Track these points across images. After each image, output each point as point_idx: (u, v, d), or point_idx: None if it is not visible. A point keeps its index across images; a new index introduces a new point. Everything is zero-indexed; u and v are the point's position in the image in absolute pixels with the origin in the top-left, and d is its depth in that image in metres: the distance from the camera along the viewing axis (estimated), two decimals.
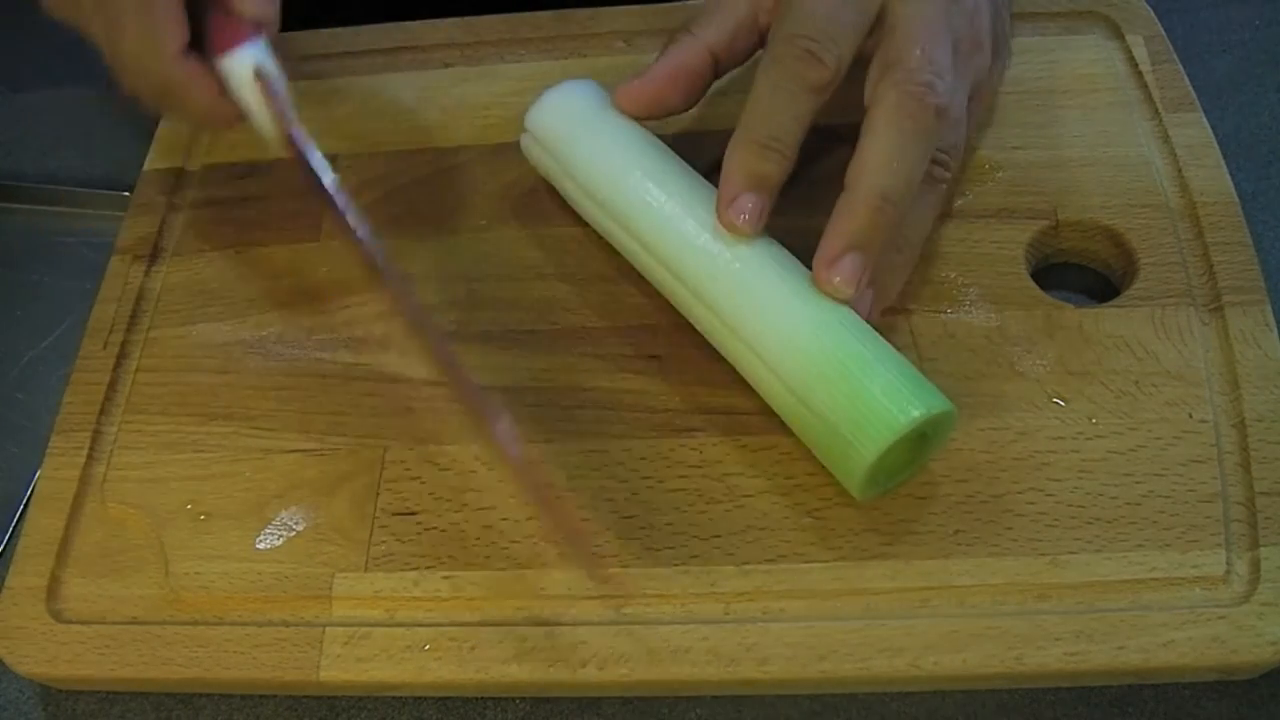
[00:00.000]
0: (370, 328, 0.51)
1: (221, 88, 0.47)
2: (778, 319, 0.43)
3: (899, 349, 0.43)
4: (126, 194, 0.58)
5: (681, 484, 0.46)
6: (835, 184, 0.43)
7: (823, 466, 0.45)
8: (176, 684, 0.45)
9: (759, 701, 0.43)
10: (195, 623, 0.45)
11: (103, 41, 0.47)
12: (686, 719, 0.43)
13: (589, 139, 0.49)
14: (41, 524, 0.48)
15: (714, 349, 0.47)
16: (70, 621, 0.46)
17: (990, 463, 0.45)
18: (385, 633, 0.44)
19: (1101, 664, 0.40)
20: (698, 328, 0.47)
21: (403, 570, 0.45)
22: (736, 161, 0.44)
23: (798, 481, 0.45)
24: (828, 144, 0.47)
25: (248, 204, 0.57)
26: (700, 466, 0.46)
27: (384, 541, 0.46)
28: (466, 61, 0.60)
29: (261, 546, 0.46)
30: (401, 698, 0.45)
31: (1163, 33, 0.56)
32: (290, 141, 0.46)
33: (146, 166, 0.59)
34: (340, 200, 0.45)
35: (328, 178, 0.45)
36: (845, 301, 0.43)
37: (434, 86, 0.59)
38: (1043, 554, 0.42)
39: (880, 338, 0.43)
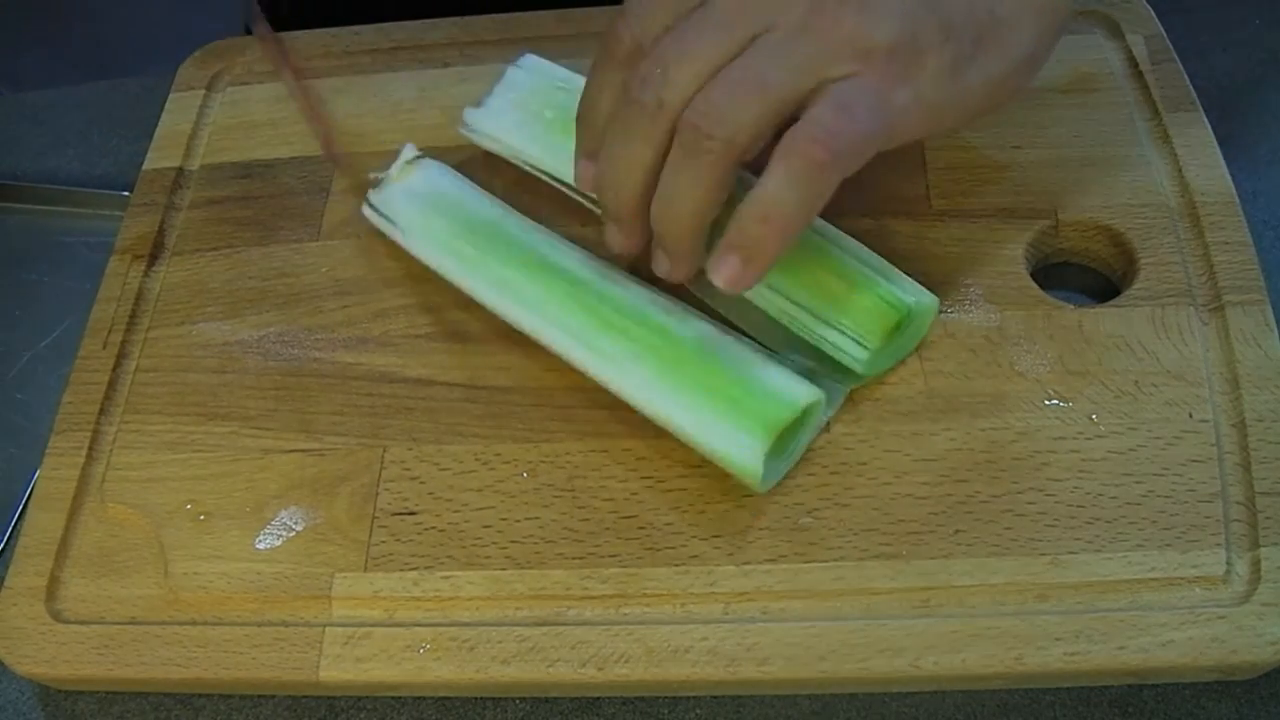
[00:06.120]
0: (369, 327, 0.51)
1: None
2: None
3: None
4: (126, 194, 0.58)
5: (681, 484, 0.46)
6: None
7: (823, 466, 0.45)
8: (176, 684, 0.45)
9: (759, 701, 0.43)
10: (194, 623, 0.45)
11: None
12: (686, 719, 0.43)
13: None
14: (41, 524, 0.48)
15: None
16: (69, 621, 0.46)
17: (990, 463, 0.45)
18: (384, 633, 0.44)
19: (1101, 664, 0.40)
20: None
21: (402, 570, 0.45)
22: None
23: (797, 481, 0.45)
24: None
25: (248, 204, 0.57)
26: (700, 466, 0.46)
27: (383, 541, 0.46)
28: (466, 61, 0.60)
29: (261, 546, 0.46)
30: (401, 698, 0.45)
31: (1162, 32, 0.56)
32: None
33: (146, 166, 0.59)
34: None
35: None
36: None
37: (434, 86, 0.59)
38: (1043, 554, 0.42)
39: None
